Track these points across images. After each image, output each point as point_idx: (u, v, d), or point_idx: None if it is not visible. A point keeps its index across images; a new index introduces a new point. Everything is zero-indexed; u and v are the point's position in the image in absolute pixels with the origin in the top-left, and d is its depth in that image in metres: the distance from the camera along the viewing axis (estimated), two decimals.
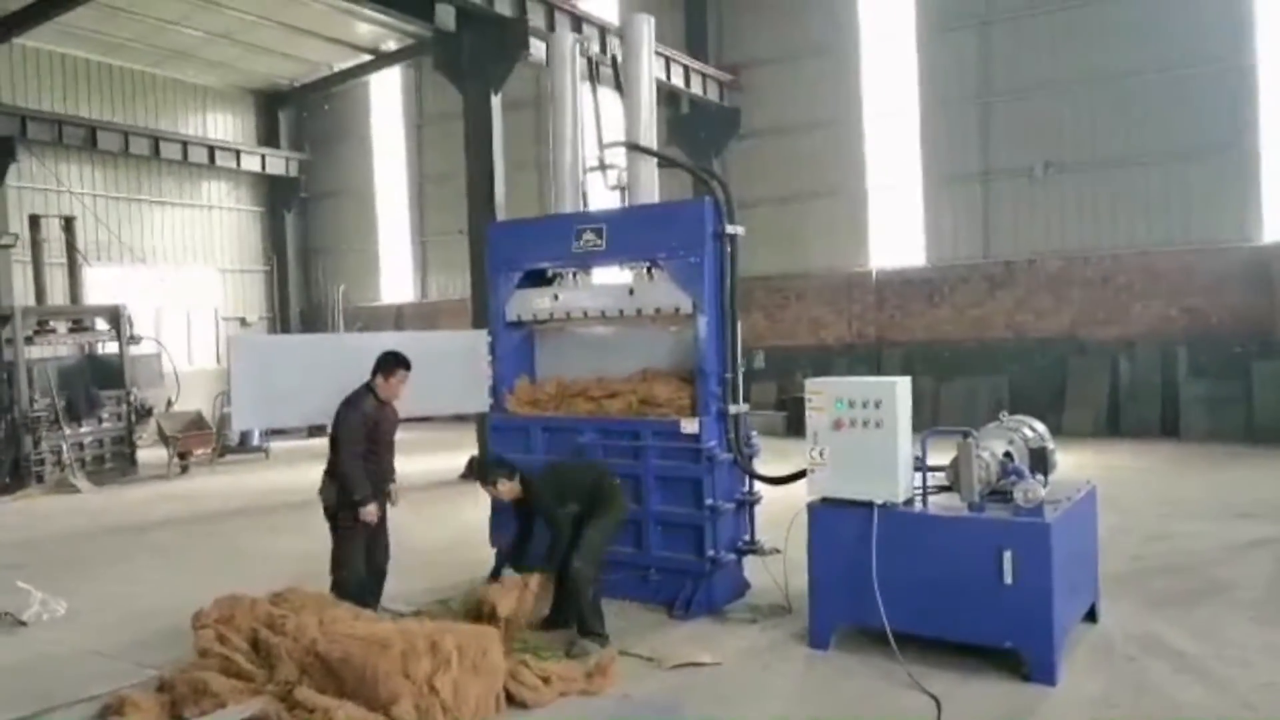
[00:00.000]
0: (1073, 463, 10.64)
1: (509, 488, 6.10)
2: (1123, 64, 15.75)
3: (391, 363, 6.15)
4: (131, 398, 15.05)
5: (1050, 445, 5.90)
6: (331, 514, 6.10)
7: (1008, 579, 4.98)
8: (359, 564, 6.12)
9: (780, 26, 18.96)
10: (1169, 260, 15.53)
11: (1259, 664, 5.17)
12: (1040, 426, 6.11)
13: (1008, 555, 4.98)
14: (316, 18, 20.08)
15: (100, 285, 19.51)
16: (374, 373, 6.15)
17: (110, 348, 15.45)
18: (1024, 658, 5.03)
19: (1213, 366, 14.84)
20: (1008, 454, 5.55)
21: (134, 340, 15.32)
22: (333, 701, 4.50)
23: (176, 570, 8.59)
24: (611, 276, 7.77)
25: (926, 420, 12.90)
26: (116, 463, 14.89)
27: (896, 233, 18.19)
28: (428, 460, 15.26)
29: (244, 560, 8.80)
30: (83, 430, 14.47)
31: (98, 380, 14.90)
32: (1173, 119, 15.45)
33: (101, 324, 15.38)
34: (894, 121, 18.20)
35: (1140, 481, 11.03)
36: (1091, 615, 5.91)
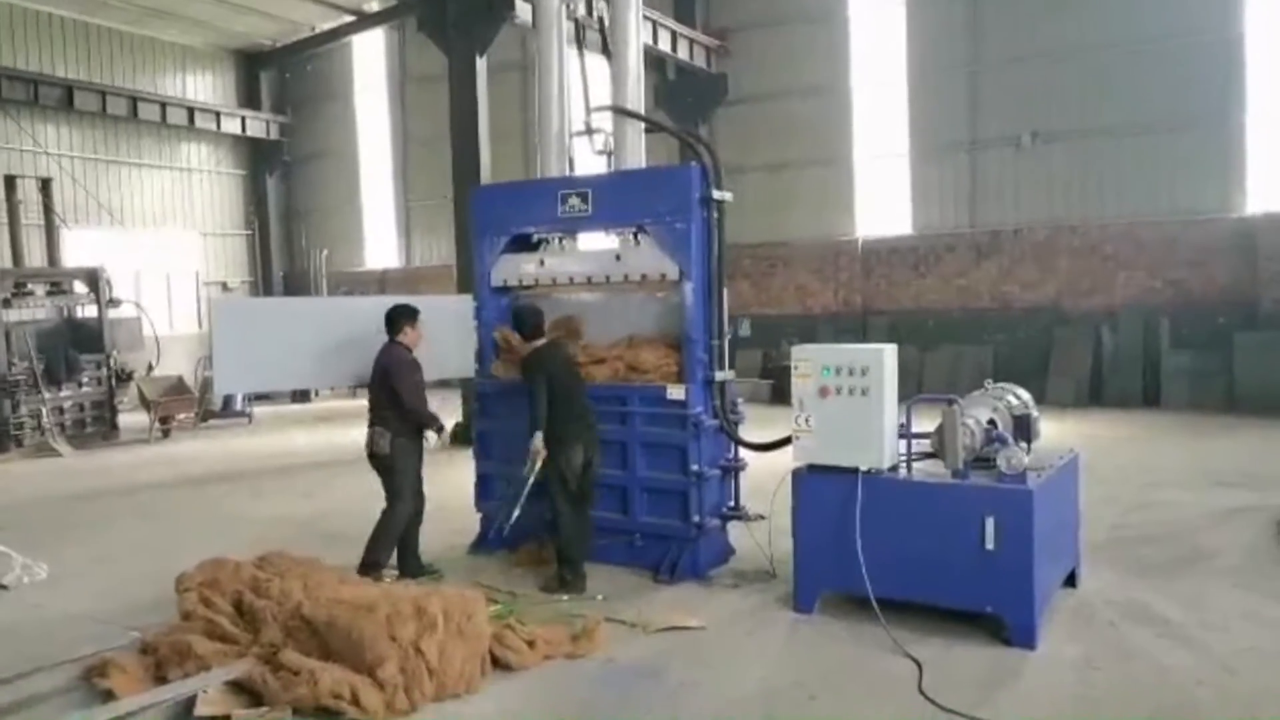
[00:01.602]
0: (1056, 431, 10.72)
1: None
2: (1111, 35, 15.68)
3: (412, 313, 6.54)
4: (111, 361, 14.91)
5: (1034, 413, 5.92)
6: (385, 461, 6.45)
7: (990, 545, 5.01)
8: (409, 500, 6.55)
9: None
10: (1154, 231, 15.57)
11: (1239, 629, 5.23)
12: (1024, 394, 6.14)
13: (990, 521, 5.01)
14: None
15: (79, 248, 19.23)
16: (398, 327, 6.48)
17: (89, 311, 15.26)
18: (1005, 622, 5.07)
19: (1195, 337, 14.95)
20: (992, 421, 5.56)
21: (113, 303, 15.15)
22: (318, 664, 4.49)
23: (160, 534, 8.55)
24: (598, 242, 7.71)
25: (912, 389, 12.95)
26: (97, 427, 14.79)
27: (884, 201, 18.15)
28: None
29: (228, 524, 8.76)
30: (62, 394, 14.34)
31: (77, 344, 14.74)
32: (1159, 90, 15.42)
33: (80, 287, 15.18)
34: (882, 90, 18.10)
35: (1122, 450, 11.13)
36: (1071, 581, 5.97)
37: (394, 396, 6.34)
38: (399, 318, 6.50)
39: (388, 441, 6.38)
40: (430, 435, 6.54)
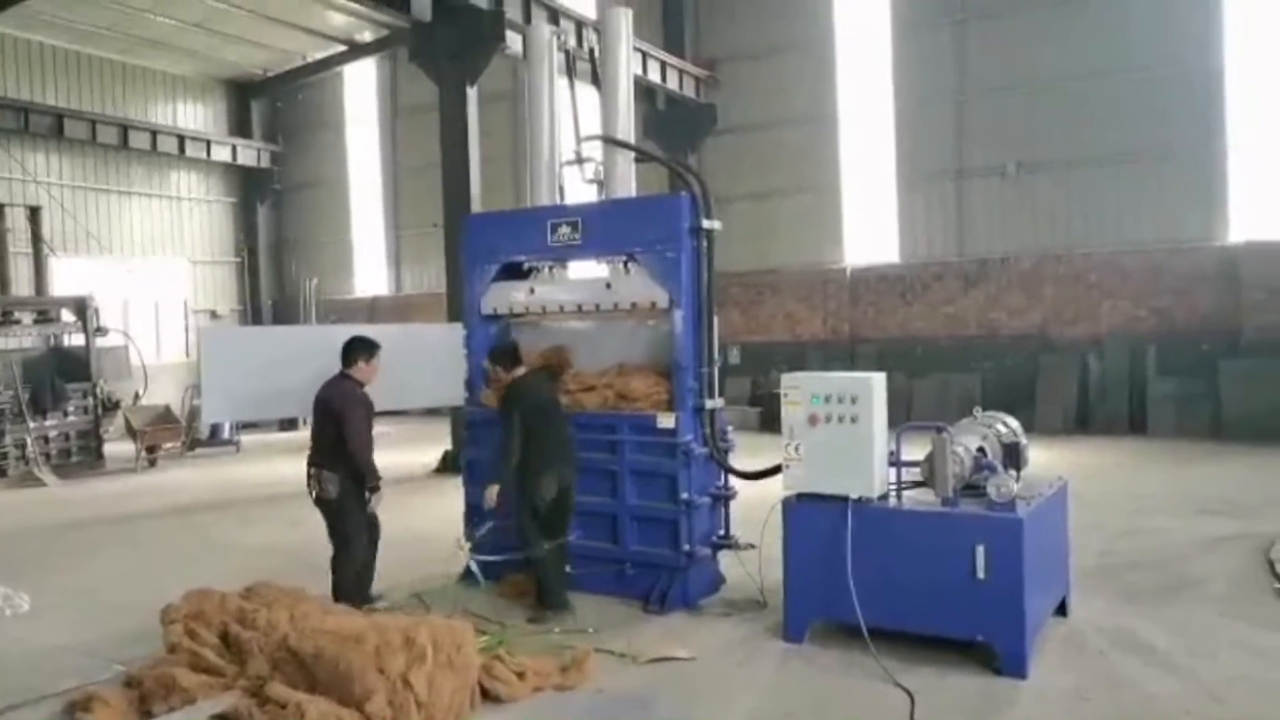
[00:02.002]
0: (1044, 459, 10.74)
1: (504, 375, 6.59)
2: (1094, 66, 15.91)
3: (370, 346, 6.28)
4: (98, 390, 14.83)
5: (1023, 440, 5.95)
6: (332, 505, 6.20)
7: (980, 574, 5.01)
8: (363, 542, 6.36)
9: (757, 22, 18.99)
10: (1138, 260, 15.72)
11: (1226, 658, 5.24)
12: (1013, 422, 6.17)
13: (980, 550, 5.02)
14: (290, 7, 19.84)
15: (66, 276, 19.21)
16: (352, 359, 6.22)
17: (76, 339, 15.20)
18: (996, 651, 5.07)
19: (1181, 365, 15.04)
20: (981, 449, 5.59)
21: (100, 332, 15.09)
22: (305, 697, 4.45)
23: (145, 564, 8.47)
24: (588, 270, 7.74)
25: (900, 416, 12.93)
26: (83, 456, 14.67)
27: (871, 230, 18.29)
28: (401, 454, 15.16)
29: (214, 554, 8.69)
30: (48, 423, 14.24)
31: (63, 372, 14.65)
32: (1142, 120, 15.63)
33: (67, 315, 15.12)
34: (869, 119, 18.28)
35: (1109, 477, 11.17)
36: (1062, 609, 5.97)
37: (339, 436, 6.03)
38: (355, 349, 6.21)
39: (335, 485, 6.10)
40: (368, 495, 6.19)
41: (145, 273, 22.46)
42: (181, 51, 21.98)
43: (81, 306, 14.96)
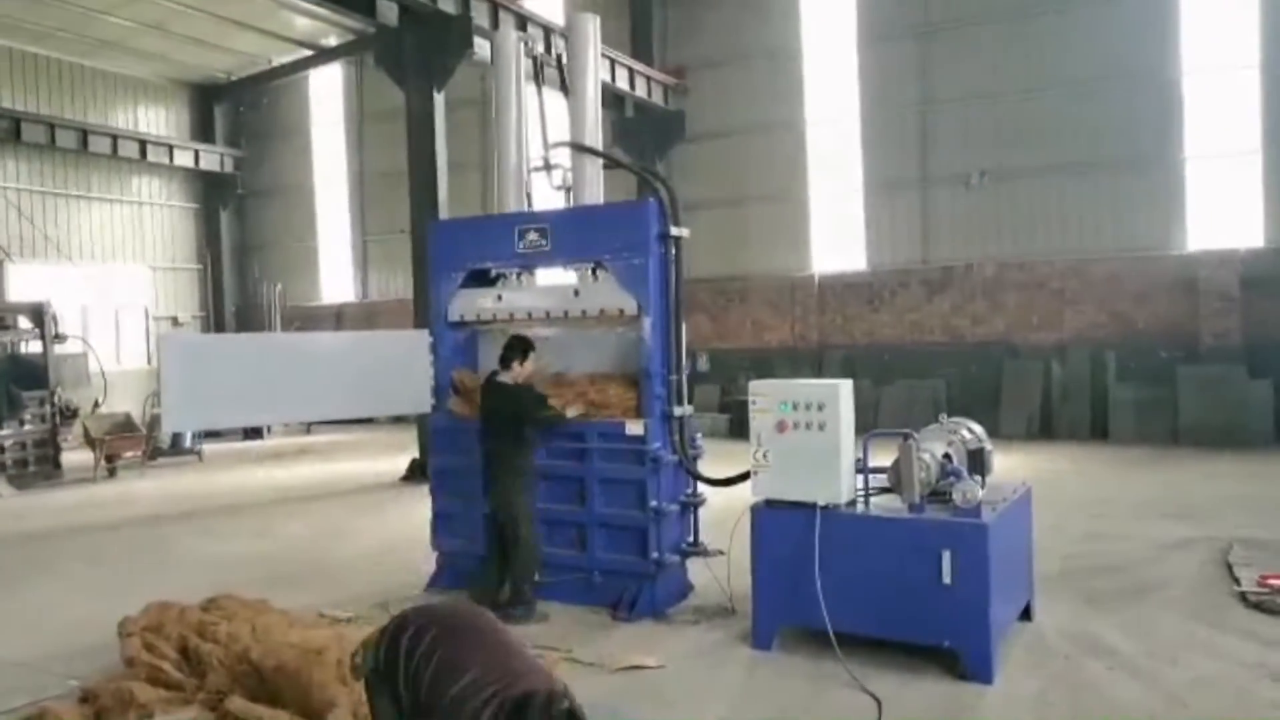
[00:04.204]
0: (1008, 464, 10.86)
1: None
2: (1055, 76, 16.18)
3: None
4: (56, 398, 14.52)
5: (988, 446, 5.99)
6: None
7: (946, 579, 5.04)
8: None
9: (725, 30, 19.09)
10: (1099, 267, 15.97)
11: (1188, 661, 5.31)
12: (978, 428, 6.21)
13: (946, 555, 5.05)
14: (253, 10, 19.60)
15: (24, 282, 18.84)
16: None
17: (33, 347, 14.88)
18: (962, 657, 5.10)
19: (1141, 371, 15.29)
20: (947, 455, 5.62)
21: (58, 339, 14.78)
22: (266, 711, 4.37)
23: (103, 577, 8.30)
24: (556, 277, 7.71)
25: (867, 423, 13.04)
26: (40, 466, 14.34)
27: (838, 237, 18.43)
28: (368, 463, 15.02)
29: (175, 566, 8.54)
30: (3, 432, 13.92)
31: (20, 380, 14.32)
32: (1102, 130, 15.90)
33: (24, 322, 14.79)
34: (836, 127, 18.44)
35: (1072, 483, 11.31)
36: (1027, 614, 6.03)
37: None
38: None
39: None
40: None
41: (105, 279, 22.09)
42: (140, 54, 21.65)
43: (39, 313, 14.64)
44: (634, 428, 6.46)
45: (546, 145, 7.58)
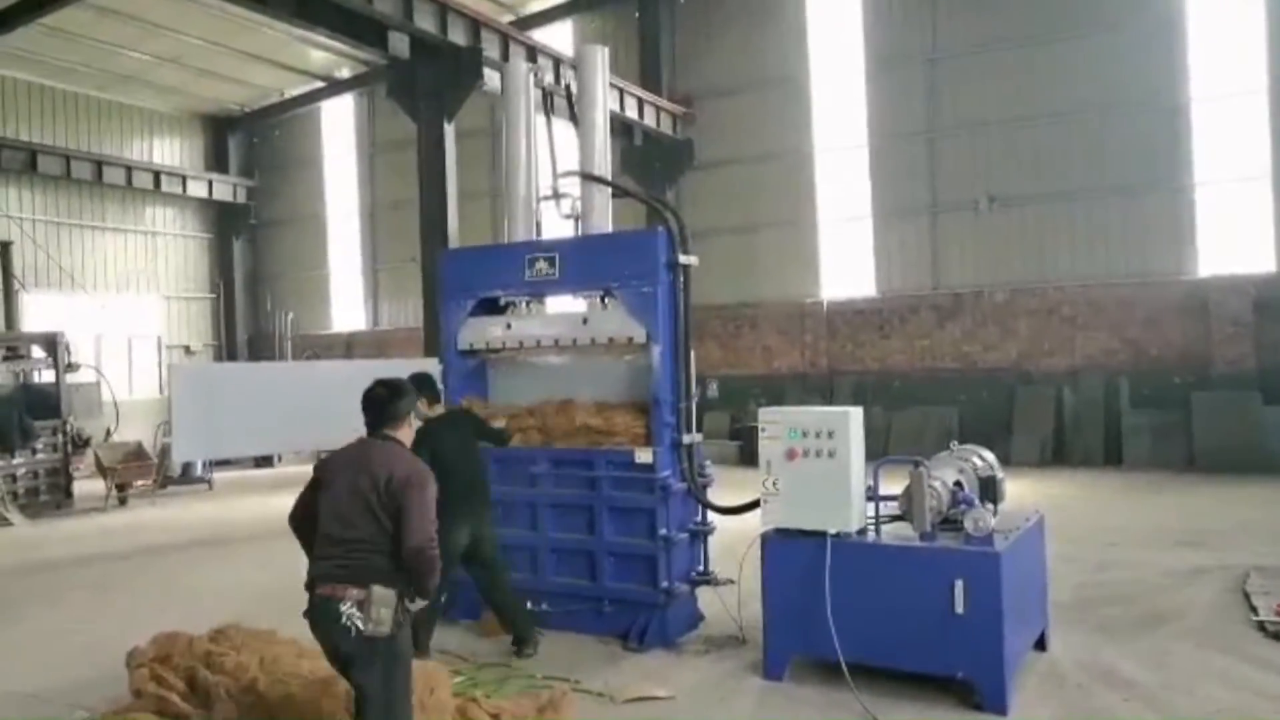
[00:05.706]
0: (1020, 492, 10.77)
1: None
2: (1063, 102, 16.22)
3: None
4: (68, 427, 14.58)
5: (999, 474, 5.95)
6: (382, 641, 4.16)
7: (959, 609, 4.99)
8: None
9: (733, 58, 19.24)
10: (1110, 293, 15.93)
11: (1205, 691, 5.23)
12: (989, 455, 6.17)
13: (959, 585, 5.00)
14: (269, 44, 19.91)
15: (38, 311, 19.00)
16: (401, 413, 4.45)
17: (47, 376, 14.98)
18: (976, 687, 5.03)
19: (1154, 397, 15.19)
20: (958, 483, 5.58)
21: (72, 368, 14.88)
22: None
23: (113, 607, 8.29)
24: (565, 305, 7.73)
25: (878, 450, 13.00)
26: (51, 495, 14.37)
27: (848, 263, 18.44)
28: None
29: (184, 595, 8.52)
30: (15, 461, 13.96)
31: (32, 409, 14.38)
32: (1112, 156, 15.92)
33: (38, 351, 14.90)
34: (845, 154, 18.51)
35: (1085, 510, 11.21)
36: (1041, 644, 5.95)
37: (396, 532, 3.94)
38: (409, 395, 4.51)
39: (391, 610, 3.87)
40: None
41: (119, 308, 22.26)
42: (157, 87, 21.98)
43: (52, 342, 14.75)
44: (643, 456, 6.44)
45: (556, 174, 7.64)
